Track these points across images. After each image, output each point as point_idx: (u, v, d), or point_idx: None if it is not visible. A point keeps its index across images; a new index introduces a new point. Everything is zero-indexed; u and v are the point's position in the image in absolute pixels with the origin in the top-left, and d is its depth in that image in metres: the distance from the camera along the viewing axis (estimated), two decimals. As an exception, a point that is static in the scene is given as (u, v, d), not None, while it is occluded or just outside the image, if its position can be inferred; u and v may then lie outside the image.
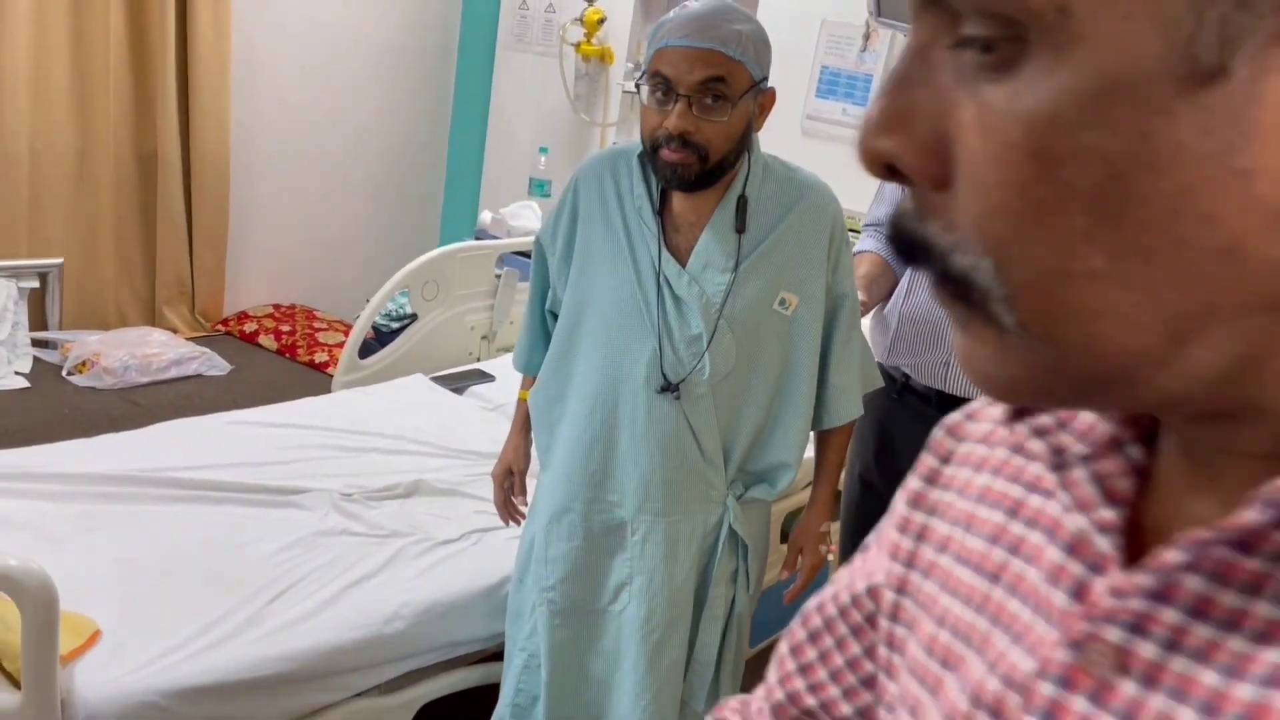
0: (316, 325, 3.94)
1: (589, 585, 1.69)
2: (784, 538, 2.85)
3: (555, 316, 1.73)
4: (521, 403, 1.87)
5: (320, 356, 3.71)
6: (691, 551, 1.67)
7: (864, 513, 1.94)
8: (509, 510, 1.87)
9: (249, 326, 3.88)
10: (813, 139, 3.47)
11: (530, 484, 1.84)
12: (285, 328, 3.89)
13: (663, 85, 1.47)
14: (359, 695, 1.79)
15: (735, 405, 1.64)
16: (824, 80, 3.46)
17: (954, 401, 1.77)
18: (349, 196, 4.37)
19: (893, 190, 1.91)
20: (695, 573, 1.69)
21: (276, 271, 4.21)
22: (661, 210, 1.60)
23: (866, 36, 3.34)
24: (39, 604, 1.36)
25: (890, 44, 3.30)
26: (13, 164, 3.23)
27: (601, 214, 1.64)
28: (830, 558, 1.81)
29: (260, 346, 3.79)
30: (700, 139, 1.47)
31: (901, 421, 1.85)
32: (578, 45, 4.01)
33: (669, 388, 1.60)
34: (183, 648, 1.62)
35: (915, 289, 1.84)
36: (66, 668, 1.50)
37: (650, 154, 1.52)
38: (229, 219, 3.88)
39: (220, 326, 3.92)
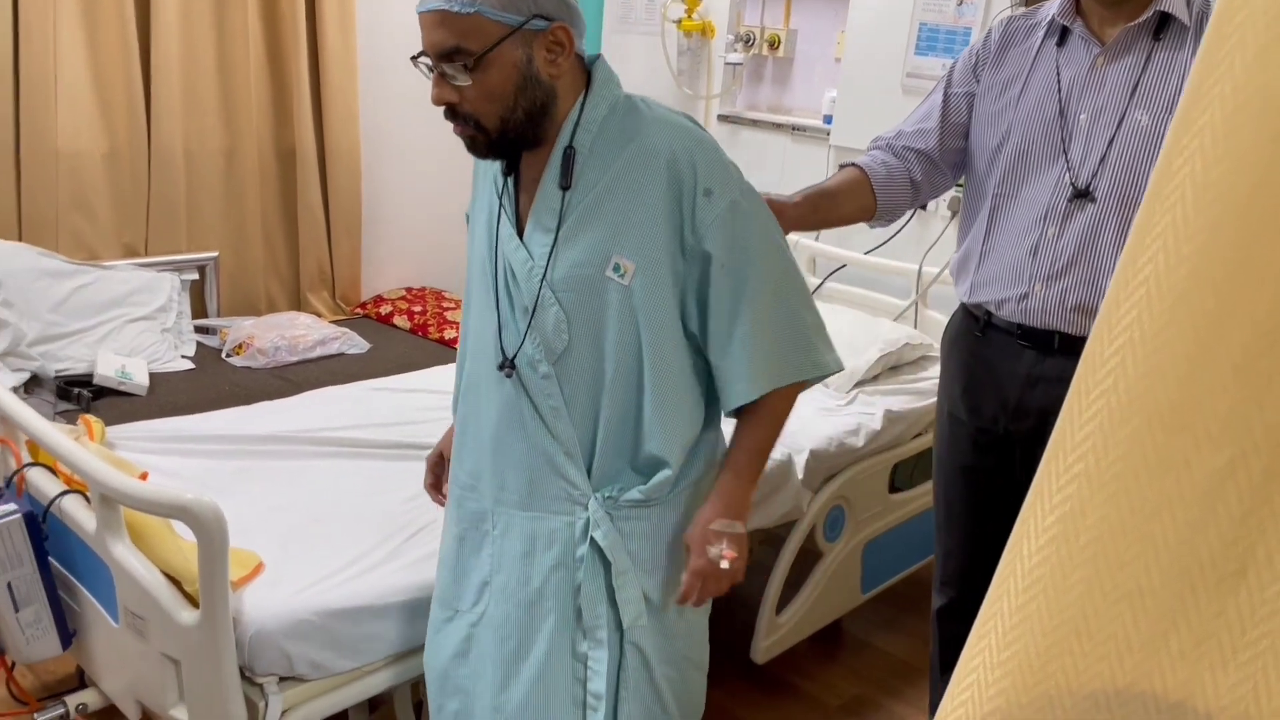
0: (445, 305, 4.19)
1: (456, 581, 1.59)
2: (892, 488, 2.89)
3: None
4: None
5: (450, 333, 3.95)
6: (551, 556, 1.48)
7: (954, 449, 1.99)
8: (435, 494, 1.84)
9: (384, 309, 4.16)
10: (915, 96, 3.48)
11: None
12: (417, 308, 4.15)
13: (423, 57, 1.34)
14: (488, 622, 1.97)
15: (588, 388, 1.44)
16: (922, 37, 3.48)
17: (1036, 334, 1.83)
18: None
19: (931, 111, 1.97)
20: (565, 583, 1.49)
21: (407, 257, 4.48)
22: (518, 170, 1.47)
23: (964, -10, 3.35)
24: (211, 532, 1.57)
25: (988, -4, 3.30)
26: (171, 166, 3.57)
27: (483, 182, 1.55)
28: (725, 564, 1.44)
29: (395, 327, 4.06)
30: (466, 109, 1.34)
31: (986, 358, 1.89)
32: (679, 22, 4.12)
33: (504, 364, 1.45)
34: (333, 576, 1.83)
35: (995, 228, 1.88)
36: (236, 593, 1.73)
37: None
38: (362, 210, 4.16)
39: (359, 310, 4.21)
